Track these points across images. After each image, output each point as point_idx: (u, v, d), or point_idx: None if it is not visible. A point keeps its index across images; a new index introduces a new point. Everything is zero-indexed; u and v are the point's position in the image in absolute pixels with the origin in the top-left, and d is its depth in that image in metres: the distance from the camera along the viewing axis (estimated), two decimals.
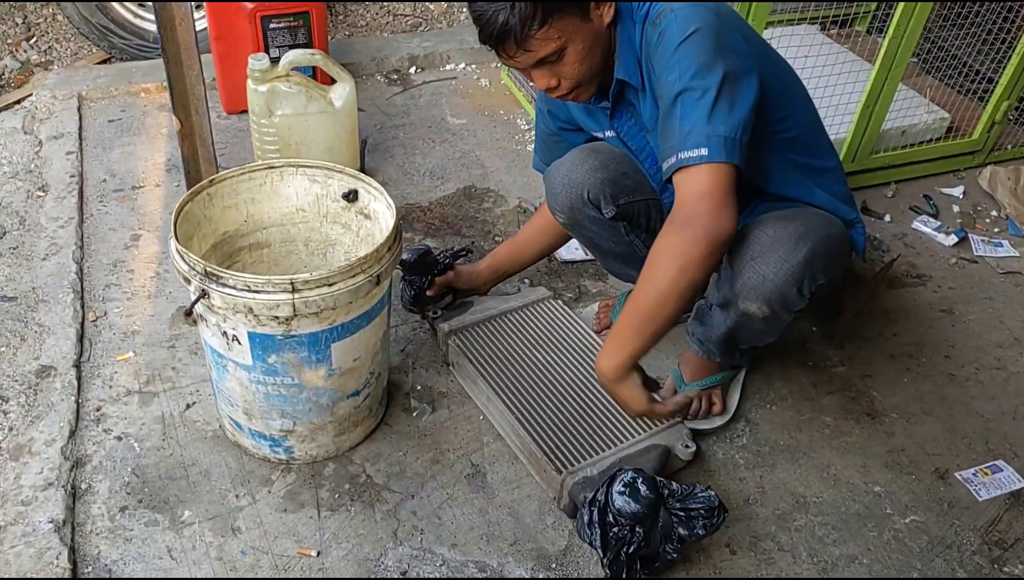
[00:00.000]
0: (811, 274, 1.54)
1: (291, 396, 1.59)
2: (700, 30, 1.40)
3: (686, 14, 1.42)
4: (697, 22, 1.41)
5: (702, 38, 1.39)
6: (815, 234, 1.55)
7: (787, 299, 1.55)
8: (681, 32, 1.40)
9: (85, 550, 1.53)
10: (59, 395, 1.79)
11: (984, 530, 1.70)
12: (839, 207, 1.70)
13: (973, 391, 2.01)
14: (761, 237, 1.55)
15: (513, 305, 2.01)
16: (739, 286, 1.57)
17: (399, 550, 1.57)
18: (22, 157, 2.52)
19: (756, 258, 1.54)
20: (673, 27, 1.42)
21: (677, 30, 1.41)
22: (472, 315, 1.97)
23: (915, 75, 2.87)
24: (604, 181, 1.75)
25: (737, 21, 1.53)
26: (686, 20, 1.41)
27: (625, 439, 1.70)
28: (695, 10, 1.43)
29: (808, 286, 1.55)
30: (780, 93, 1.56)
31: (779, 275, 1.53)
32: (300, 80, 2.24)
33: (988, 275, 2.38)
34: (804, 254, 1.52)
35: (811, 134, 1.68)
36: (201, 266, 1.44)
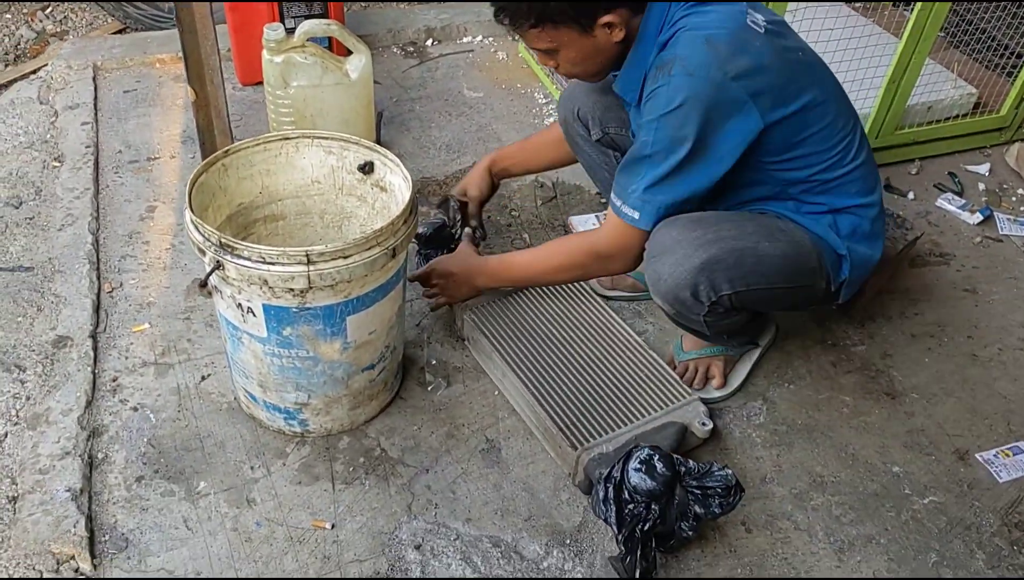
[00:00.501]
0: (708, 281, 1.55)
1: (306, 369, 1.59)
2: (685, 104, 1.45)
3: (678, 83, 1.45)
4: (687, 92, 1.45)
5: (684, 113, 1.46)
6: (724, 243, 1.55)
7: (682, 301, 1.59)
8: (667, 103, 1.47)
9: (102, 519, 1.55)
10: (75, 365, 1.79)
11: (1004, 511, 1.68)
12: (831, 238, 1.66)
13: (995, 372, 1.98)
14: (666, 238, 1.57)
15: None
16: (647, 281, 1.65)
17: (413, 524, 1.57)
18: (38, 127, 2.51)
19: (655, 257, 1.59)
20: (663, 94, 1.47)
21: (665, 98, 1.47)
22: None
23: (942, 49, 2.81)
24: (597, 104, 1.84)
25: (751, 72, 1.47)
26: (677, 90, 1.46)
27: (641, 416, 1.68)
28: (691, 79, 1.45)
29: (706, 293, 1.56)
30: (784, 144, 1.56)
31: (672, 277, 1.56)
32: (316, 51, 2.22)
33: (1013, 254, 2.34)
34: (700, 260, 1.54)
35: (829, 177, 1.63)
36: (216, 237, 1.43)
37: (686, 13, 1.51)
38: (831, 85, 1.64)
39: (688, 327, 1.74)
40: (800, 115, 1.55)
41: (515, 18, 1.51)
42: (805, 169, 1.61)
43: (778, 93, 1.51)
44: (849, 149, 1.64)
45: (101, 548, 1.50)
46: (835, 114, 1.61)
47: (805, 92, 1.55)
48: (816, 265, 1.63)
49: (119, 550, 1.50)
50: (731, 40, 1.47)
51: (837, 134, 1.61)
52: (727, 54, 1.45)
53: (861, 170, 1.66)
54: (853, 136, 1.65)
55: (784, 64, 1.53)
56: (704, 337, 1.79)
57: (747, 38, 1.49)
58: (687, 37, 1.48)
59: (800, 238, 1.63)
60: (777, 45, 1.53)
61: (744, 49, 1.47)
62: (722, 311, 1.61)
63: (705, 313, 1.60)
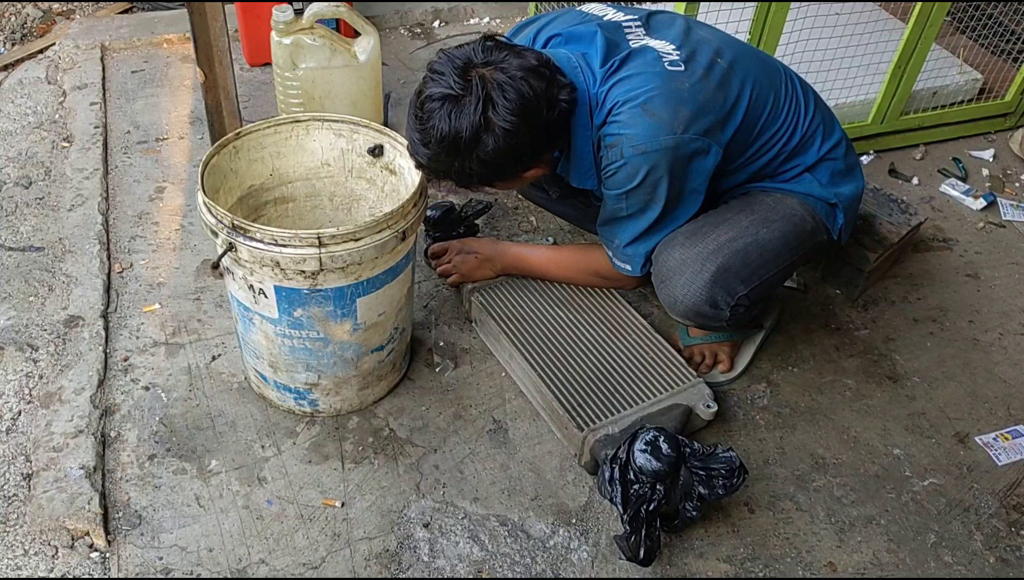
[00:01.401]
0: (724, 289, 1.60)
1: (316, 350, 1.61)
2: (648, 176, 1.52)
3: (635, 163, 1.51)
4: (646, 167, 1.51)
5: (649, 183, 1.54)
6: (727, 248, 1.59)
7: (704, 314, 1.63)
8: (629, 180, 1.54)
9: (115, 496, 1.57)
10: (87, 345, 1.81)
11: (1002, 494, 1.71)
12: (816, 191, 1.70)
13: (996, 356, 2.01)
14: (670, 260, 1.62)
15: None
16: (664, 305, 1.70)
17: (422, 503, 1.60)
18: (46, 107, 2.52)
19: (665, 281, 1.64)
20: (623, 172, 1.53)
21: (625, 176, 1.53)
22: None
23: (948, 35, 2.80)
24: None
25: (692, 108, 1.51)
26: (635, 168, 1.52)
27: (647, 398, 1.71)
28: (645, 156, 1.50)
29: (724, 300, 1.61)
30: (741, 146, 1.61)
31: (688, 297, 1.61)
32: (324, 33, 2.22)
33: (1016, 240, 2.35)
34: (710, 274, 1.58)
35: (791, 146, 1.67)
36: (228, 219, 1.45)
37: (609, 84, 1.52)
38: (751, 63, 1.64)
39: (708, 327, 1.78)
40: (747, 117, 1.59)
41: (441, 178, 1.53)
42: (770, 151, 1.66)
43: (724, 116, 1.55)
44: (799, 110, 1.68)
45: (115, 524, 1.53)
46: (770, 89, 1.64)
47: (742, 96, 1.58)
48: (813, 224, 1.69)
49: (132, 526, 1.53)
50: (666, 99, 1.49)
51: (782, 106, 1.65)
52: (669, 115, 1.48)
53: (816, 119, 1.70)
54: (795, 96, 1.68)
55: (715, 87, 1.55)
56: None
57: (676, 87, 1.51)
58: (625, 112, 1.50)
59: (791, 206, 1.68)
60: (698, 72, 1.55)
61: (680, 100, 1.50)
62: (743, 310, 1.66)
63: (728, 318, 1.65)
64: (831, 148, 1.72)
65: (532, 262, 1.92)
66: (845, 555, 1.58)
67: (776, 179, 1.71)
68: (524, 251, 1.93)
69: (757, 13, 2.13)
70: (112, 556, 1.48)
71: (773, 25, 2.14)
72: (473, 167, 1.45)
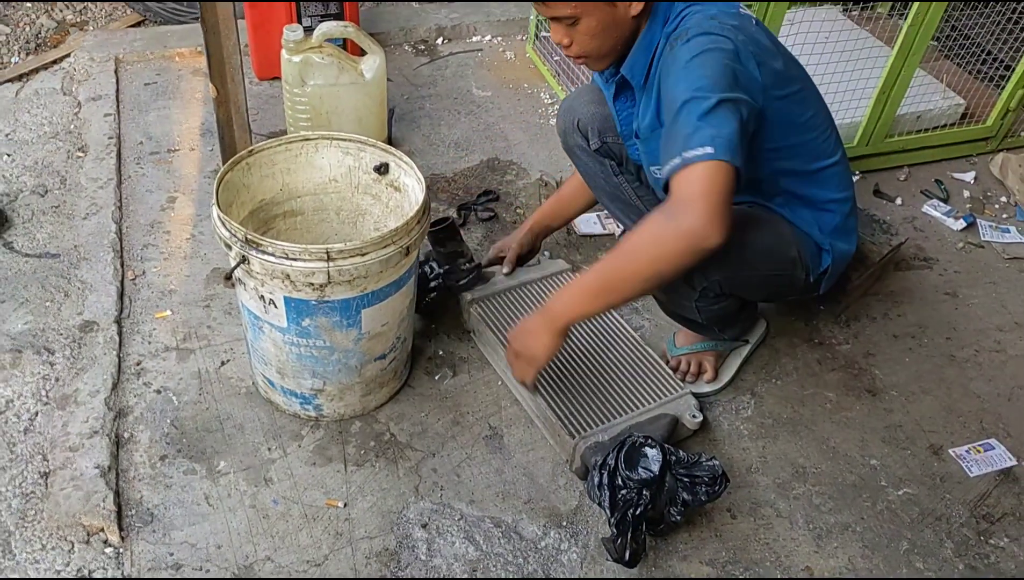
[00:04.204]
0: (700, 269, 1.56)
1: (322, 357, 1.69)
2: (709, 51, 1.48)
3: (700, 40, 1.49)
4: (707, 44, 1.49)
5: (711, 58, 1.47)
6: None
7: (675, 287, 1.68)
8: (691, 52, 1.48)
9: (129, 494, 1.65)
10: (102, 349, 1.89)
11: (973, 504, 1.79)
12: (815, 233, 1.76)
13: (971, 372, 2.09)
14: None
15: (533, 276, 2.09)
16: None
17: (420, 504, 1.68)
18: (62, 118, 2.60)
19: None
20: (683, 49, 1.50)
21: (687, 51, 1.49)
22: (493, 285, 2.05)
23: (934, 59, 2.90)
24: (595, 115, 1.91)
25: (756, 44, 1.55)
26: (698, 43, 1.49)
27: (636, 408, 1.79)
28: (710, 37, 1.50)
29: (698, 279, 1.66)
30: (783, 126, 1.63)
31: None
32: (332, 51, 2.31)
33: (994, 260, 2.45)
34: None
35: (813, 168, 1.73)
36: (242, 233, 1.53)
37: (687, 6, 1.58)
38: (811, 82, 1.73)
39: (682, 316, 1.85)
40: (792, 98, 1.62)
41: None
42: (796, 158, 1.70)
43: (776, 73, 1.58)
44: (828, 143, 1.74)
45: (128, 522, 1.60)
46: (816, 109, 1.71)
47: (794, 80, 1.64)
48: (795, 255, 1.74)
49: (145, 524, 1.60)
50: (735, 20, 1.55)
51: (819, 127, 1.71)
52: (733, 27, 1.53)
53: (839, 167, 1.77)
54: (831, 133, 1.76)
55: (777, 49, 1.63)
56: (697, 327, 1.89)
57: (745, 24, 1.58)
58: (695, 17, 1.54)
59: (782, 229, 1.74)
60: (770, 35, 1.64)
61: (745, 29, 1.56)
62: (712, 296, 1.72)
63: (697, 298, 1.70)
64: (841, 200, 1.77)
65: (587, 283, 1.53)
66: (822, 560, 1.66)
67: (786, 198, 1.75)
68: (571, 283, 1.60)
69: None
70: (125, 551, 1.56)
71: None
72: None
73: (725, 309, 1.80)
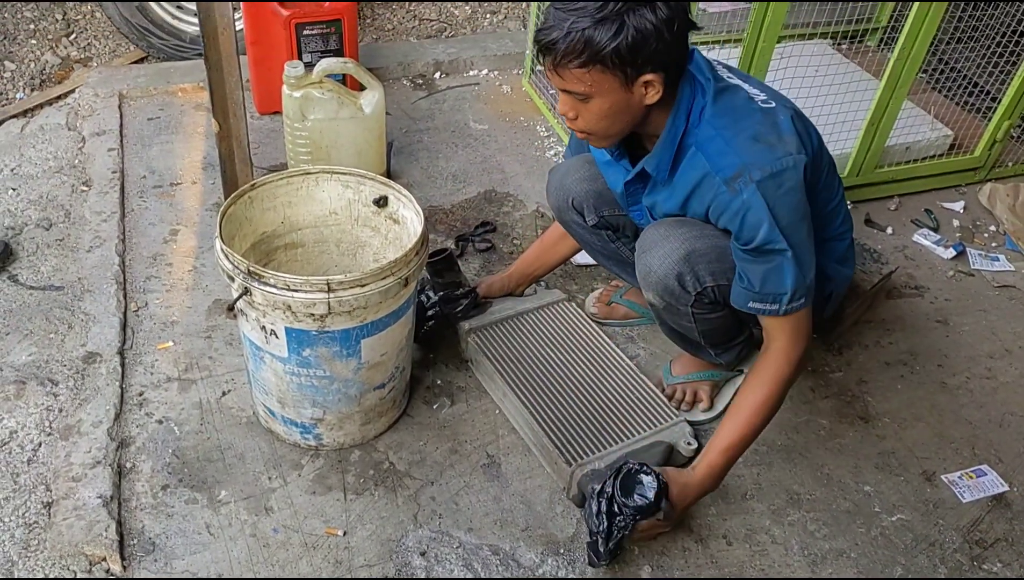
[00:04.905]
0: (692, 271, 1.65)
1: (322, 387, 1.72)
2: (785, 198, 1.51)
3: (769, 186, 1.49)
4: (778, 187, 1.50)
5: (788, 204, 1.51)
6: (708, 240, 1.65)
7: (671, 290, 1.69)
8: (766, 209, 1.50)
9: (131, 524, 1.66)
10: (104, 380, 1.92)
11: (966, 530, 1.81)
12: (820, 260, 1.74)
13: (963, 399, 2.12)
14: (655, 234, 1.70)
15: (529, 306, 2.12)
16: (638, 276, 1.74)
17: (419, 532, 1.70)
18: (67, 152, 2.65)
19: (645, 252, 1.70)
20: (757, 203, 1.50)
21: (761, 205, 1.50)
22: (490, 315, 2.08)
23: (922, 91, 2.96)
24: (590, 192, 1.91)
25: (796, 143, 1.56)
26: (770, 193, 1.50)
27: (632, 435, 1.82)
28: (775, 181, 1.49)
29: (692, 282, 1.67)
30: (815, 181, 1.66)
31: (660, 267, 1.67)
32: (333, 87, 2.36)
33: (983, 288, 2.48)
34: (684, 251, 1.65)
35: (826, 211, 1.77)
36: (244, 266, 1.56)
37: (713, 108, 1.55)
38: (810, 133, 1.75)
39: (679, 333, 1.85)
40: (816, 161, 1.65)
41: (566, 55, 1.45)
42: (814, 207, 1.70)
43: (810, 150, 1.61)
44: (831, 185, 1.78)
45: (130, 551, 1.62)
46: (828, 164, 1.75)
47: (813, 140, 1.66)
48: None
49: (147, 553, 1.62)
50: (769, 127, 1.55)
51: (827, 176, 1.74)
52: (778, 140, 1.53)
53: (841, 202, 1.83)
54: (833, 176, 1.79)
55: (801, 123, 1.63)
56: (695, 347, 1.90)
57: (774, 120, 1.57)
58: (740, 143, 1.52)
59: None
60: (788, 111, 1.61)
61: (779, 128, 1.56)
62: (707, 302, 1.71)
63: (692, 303, 1.70)
64: (843, 233, 1.83)
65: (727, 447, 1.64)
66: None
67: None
68: (706, 458, 1.66)
69: (740, 64, 2.28)
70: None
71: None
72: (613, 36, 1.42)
73: (722, 322, 1.79)
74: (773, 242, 1.52)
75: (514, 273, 2.15)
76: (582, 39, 1.43)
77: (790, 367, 1.62)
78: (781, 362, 1.62)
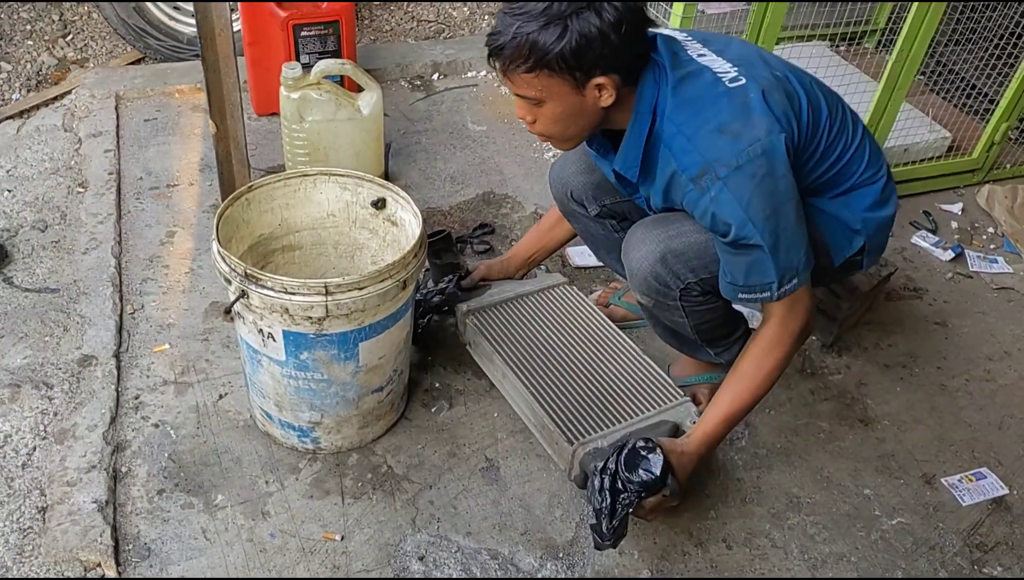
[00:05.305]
0: (670, 271, 1.65)
1: (320, 390, 1.71)
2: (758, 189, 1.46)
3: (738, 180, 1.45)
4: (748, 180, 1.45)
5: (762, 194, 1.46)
6: (684, 237, 1.64)
7: (654, 289, 1.69)
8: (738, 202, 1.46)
9: (126, 529, 1.65)
10: (100, 383, 1.90)
11: (966, 533, 1.80)
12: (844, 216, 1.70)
13: (962, 401, 2.12)
14: (633, 236, 1.71)
15: (529, 289, 2.08)
16: (627, 275, 1.74)
17: (417, 536, 1.69)
18: (63, 154, 2.63)
19: (627, 254, 1.71)
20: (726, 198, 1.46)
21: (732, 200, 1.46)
22: (490, 297, 2.03)
23: (920, 93, 2.96)
24: (588, 184, 1.91)
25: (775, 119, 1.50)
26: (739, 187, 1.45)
27: (635, 414, 1.77)
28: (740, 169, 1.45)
29: (673, 281, 1.66)
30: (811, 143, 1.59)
31: (640, 269, 1.68)
32: (330, 88, 2.35)
33: (982, 290, 2.48)
34: (659, 253, 1.64)
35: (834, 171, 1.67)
36: (241, 268, 1.55)
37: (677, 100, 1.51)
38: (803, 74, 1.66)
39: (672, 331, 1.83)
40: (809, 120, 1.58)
41: (513, 60, 1.45)
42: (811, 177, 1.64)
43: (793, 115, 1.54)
44: (843, 133, 1.65)
45: (125, 556, 1.60)
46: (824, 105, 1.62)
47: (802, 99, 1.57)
48: None
49: (142, 558, 1.60)
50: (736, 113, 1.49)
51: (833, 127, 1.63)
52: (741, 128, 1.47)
53: (863, 147, 1.69)
54: (843, 122, 1.66)
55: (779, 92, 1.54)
56: (690, 346, 1.88)
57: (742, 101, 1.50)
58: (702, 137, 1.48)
59: None
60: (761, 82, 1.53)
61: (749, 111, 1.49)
62: (696, 295, 1.69)
63: (679, 297, 1.69)
64: (871, 176, 1.71)
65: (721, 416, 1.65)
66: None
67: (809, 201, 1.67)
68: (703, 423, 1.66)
69: None
70: None
71: None
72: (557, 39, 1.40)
73: (714, 314, 1.75)
74: (747, 237, 1.48)
75: (513, 257, 2.13)
76: (527, 44, 1.42)
77: (791, 338, 1.60)
78: (782, 334, 1.60)
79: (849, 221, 1.71)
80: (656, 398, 1.82)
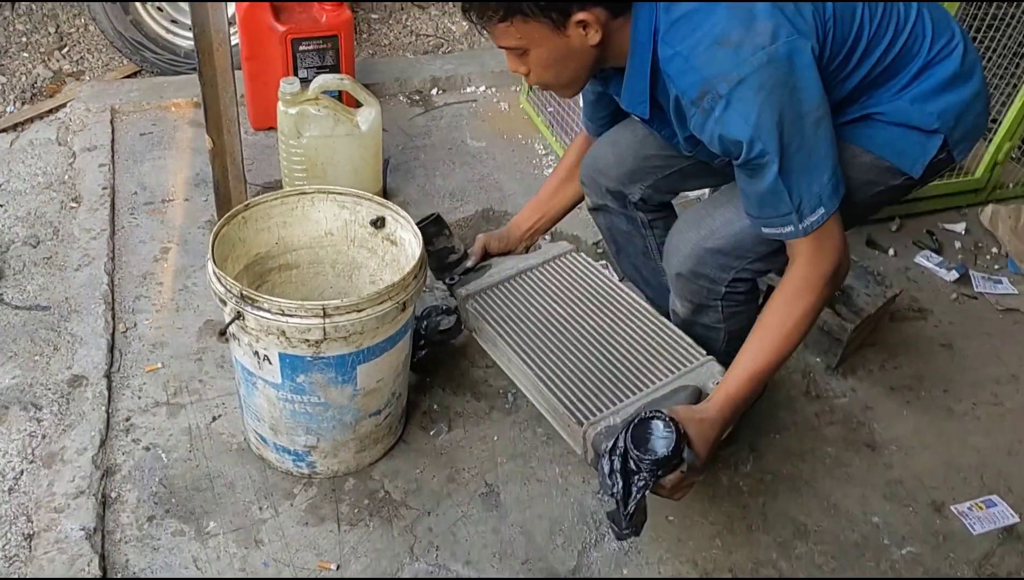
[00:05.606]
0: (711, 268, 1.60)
1: (316, 414, 1.66)
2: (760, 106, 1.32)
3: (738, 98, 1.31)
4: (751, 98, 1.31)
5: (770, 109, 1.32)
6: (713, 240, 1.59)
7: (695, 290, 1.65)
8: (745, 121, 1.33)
9: (115, 558, 1.60)
10: (90, 404, 1.86)
11: (977, 564, 1.76)
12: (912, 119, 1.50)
13: (970, 426, 2.08)
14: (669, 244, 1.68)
15: (533, 262, 1.95)
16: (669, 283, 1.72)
17: (415, 565, 1.64)
18: (56, 168, 2.59)
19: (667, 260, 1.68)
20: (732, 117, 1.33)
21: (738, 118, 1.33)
22: (490, 277, 1.91)
23: None
24: (623, 175, 1.86)
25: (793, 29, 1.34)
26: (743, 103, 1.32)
27: (651, 383, 1.63)
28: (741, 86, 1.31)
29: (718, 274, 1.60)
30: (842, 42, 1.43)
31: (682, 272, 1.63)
32: (329, 104, 2.32)
33: (987, 311, 2.45)
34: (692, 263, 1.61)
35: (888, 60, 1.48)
36: (237, 289, 1.51)
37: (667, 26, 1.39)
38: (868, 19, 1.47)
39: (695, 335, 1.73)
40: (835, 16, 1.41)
41: (483, 12, 1.38)
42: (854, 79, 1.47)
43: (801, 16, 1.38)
44: (890, 15, 1.47)
45: None
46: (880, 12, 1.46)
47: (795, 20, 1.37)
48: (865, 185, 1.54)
49: None
50: (733, 23, 1.34)
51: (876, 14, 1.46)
52: (743, 36, 1.33)
53: (920, 21, 1.49)
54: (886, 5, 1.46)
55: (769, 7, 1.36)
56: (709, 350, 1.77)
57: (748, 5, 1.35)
58: (699, 55, 1.34)
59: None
60: None
61: (751, 16, 1.34)
62: (742, 292, 1.63)
63: (723, 295, 1.63)
64: (939, 49, 1.49)
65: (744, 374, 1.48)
66: None
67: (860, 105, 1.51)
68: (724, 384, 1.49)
69: None
70: None
71: None
72: None
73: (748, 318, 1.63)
74: (759, 157, 1.34)
75: (513, 229, 2.01)
76: None
77: (822, 281, 1.43)
78: (810, 276, 1.44)
79: (920, 122, 1.50)
80: (675, 361, 1.67)
